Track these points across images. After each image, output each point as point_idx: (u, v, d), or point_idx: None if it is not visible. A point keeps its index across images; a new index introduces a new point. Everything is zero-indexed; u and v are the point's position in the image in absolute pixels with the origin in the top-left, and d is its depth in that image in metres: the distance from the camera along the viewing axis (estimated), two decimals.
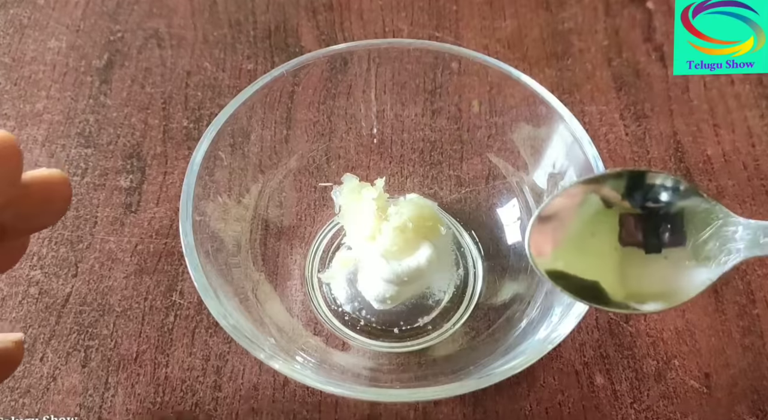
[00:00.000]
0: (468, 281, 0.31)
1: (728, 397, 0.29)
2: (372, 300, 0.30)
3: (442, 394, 0.21)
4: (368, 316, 0.30)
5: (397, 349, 0.29)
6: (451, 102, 0.32)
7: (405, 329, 0.30)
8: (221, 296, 0.23)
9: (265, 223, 0.31)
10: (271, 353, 0.22)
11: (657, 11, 0.41)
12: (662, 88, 0.38)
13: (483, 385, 0.21)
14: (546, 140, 0.28)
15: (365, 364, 0.29)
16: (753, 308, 0.31)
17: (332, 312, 0.30)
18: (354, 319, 0.30)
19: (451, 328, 0.30)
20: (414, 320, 0.30)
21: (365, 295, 0.30)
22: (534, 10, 0.41)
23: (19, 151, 0.19)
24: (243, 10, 0.41)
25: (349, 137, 0.33)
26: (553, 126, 0.28)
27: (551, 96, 0.28)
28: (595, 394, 0.29)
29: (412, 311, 0.30)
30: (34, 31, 0.40)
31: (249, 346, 0.22)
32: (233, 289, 0.25)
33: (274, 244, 0.31)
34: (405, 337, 0.30)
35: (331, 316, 0.30)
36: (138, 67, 0.38)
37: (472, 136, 0.32)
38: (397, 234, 0.28)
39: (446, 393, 0.21)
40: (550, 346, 0.22)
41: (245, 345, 0.22)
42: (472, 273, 0.31)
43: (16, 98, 0.37)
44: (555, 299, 0.25)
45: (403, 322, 0.30)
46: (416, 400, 0.21)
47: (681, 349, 0.30)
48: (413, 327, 0.30)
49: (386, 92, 0.32)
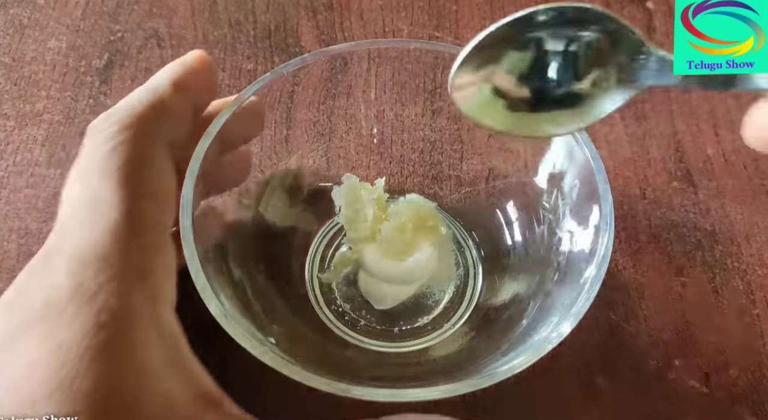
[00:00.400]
0: (468, 281, 0.31)
1: (728, 397, 0.29)
2: (372, 300, 0.30)
3: (442, 394, 0.21)
4: (368, 315, 0.30)
5: (397, 348, 0.29)
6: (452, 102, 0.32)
7: (405, 329, 0.30)
8: (221, 296, 0.23)
9: (266, 224, 0.31)
10: (272, 353, 0.22)
11: (657, 11, 0.41)
12: (662, 89, 0.38)
13: (483, 385, 0.21)
14: (546, 140, 0.28)
15: (364, 364, 0.29)
16: (753, 308, 0.31)
17: (332, 312, 0.30)
18: (354, 319, 0.30)
19: (451, 328, 0.30)
20: (414, 320, 0.30)
21: (365, 295, 0.30)
22: None
23: (212, 62, 0.23)
24: (243, 10, 0.41)
25: (349, 137, 0.33)
26: None
27: None
28: (595, 394, 0.29)
29: (412, 311, 0.30)
30: (34, 31, 0.40)
31: (250, 346, 0.22)
32: (233, 290, 0.25)
33: (273, 244, 0.31)
34: (405, 336, 0.30)
35: (331, 316, 0.30)
36: (138, 67, 0.38)
37: (472, 136, 0.32)
38: (397, 234, 0.28)
39: (446, 393, 0.21)
40: (549, 345, 0.22)
41: (246, 345, 0.22)
42: (472, 273, 0.31)
43: (16, 98, 0.37)
44: (556, 299, 0.25)
45: (402, 322, 0.30)
46: (415, 400, 0.21)
47: (681, 349, 0.30)
48: (413, 327, 0.30)
49: (386, 92, 0.32)
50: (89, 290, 0.17)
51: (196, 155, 0.24)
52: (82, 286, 0.17)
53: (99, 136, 0.19)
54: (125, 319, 0.17)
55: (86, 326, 0.16)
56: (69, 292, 0.17)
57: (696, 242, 0.33)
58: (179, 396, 0.17)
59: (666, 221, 0.34)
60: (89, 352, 0.16)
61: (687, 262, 0.33)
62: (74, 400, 0.16)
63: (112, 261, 0.17)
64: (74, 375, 0.16)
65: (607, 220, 0.24)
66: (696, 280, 0.32)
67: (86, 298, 0.17)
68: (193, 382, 0.18)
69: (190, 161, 0.25)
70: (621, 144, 0.36)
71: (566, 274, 0.26)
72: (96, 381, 0.16)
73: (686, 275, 0.32)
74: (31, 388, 0.16)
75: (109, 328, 0.16)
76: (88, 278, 0.17)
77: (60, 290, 0.17)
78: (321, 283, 0.31)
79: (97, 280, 0.17)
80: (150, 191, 0.19)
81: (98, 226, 0.18)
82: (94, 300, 0.17)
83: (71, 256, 0.17)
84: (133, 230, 0.18)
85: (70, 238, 0.18)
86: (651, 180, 0.35)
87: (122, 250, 0.18)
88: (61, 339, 0.16)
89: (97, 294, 0.17)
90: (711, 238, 0.33)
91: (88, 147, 0.19)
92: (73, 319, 0.16)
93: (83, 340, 0.16)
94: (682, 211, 0.34)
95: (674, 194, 0.34)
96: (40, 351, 0.16)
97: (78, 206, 0.18)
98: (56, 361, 0.16)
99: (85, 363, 0.16)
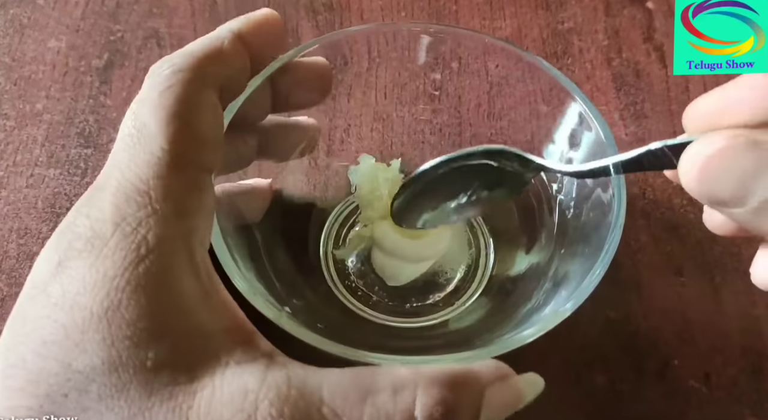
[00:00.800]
0: (479, 259, 0.32)
1: (728, 397, 0.29)
2: (385, 277, 0.31)
3: (456, 361, 0.21)
4: (381, 291, 0.31)
5: (409, 323, 0.30)
6: (452, 102, 0.32)
7: (417, 306, 0.30)
8: (240, 265, 0.23)
9: (283, 200, 0.31)
10: (288, 318, 0.22)
11: (657, 11, 0.41)
12: (662, 88, 0.38)
13: (494, 354, 0.21)
14: (553, 124, 0.28)
15: (379, 335, 0.30)
16: (753, 309, 0.31)
17: (345, 287, 0.31)
18: (366, 295, 0.31)
19: (463, 305, 0.30)
20: (426, 297, 0.31)
21: (379, 272, 0.31)
22: (534, 10, 0.41)
23: (280, 21, 0.24)
24: (243, 10, 0.41)
25: (350, 138, 0.33)
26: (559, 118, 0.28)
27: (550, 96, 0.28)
28: (595, 394, 0.29)
29: (424, 289, 0.31)
30: (34, 31, 0.40)
31: (265, 308, 0.21)
32: (253, 263, 0.25)
33: (291, 221, 0.31)
34: (417, 312, 0.30)
35: (344, 291, 0.31)
36: (138, 67, 0.38)
37: (475, 131, 0.32)
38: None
39: (460, 360, 0.21)
40: (565, 314, 0.21)
41: (262, 307, 0.21)
42: (484, 252, 0.32)
43: (16, 98, 0.37)
44: (569, 271, 0.25)
45: (414, 299, 0.31)
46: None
47: (681, 349, 0.30)
48: (425, 304, 0.31)
49: (386, 92, 0.32)
50: (130, 225, 0.18)
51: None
52: (124, 221, 0.18)
53: (156, 77, 0.20)
54: (163, 253, 0.18)
55: (128, 258, 0.17)
56: (113, 224, 0.18)
57: (696, 242, 0.33)
58: (213, 329, 0.18)
59: (666, 221, 0.34)
60: (131, 284, 0.17)
61: (687, 262, 0.33)
62: (119, 327, 0.17)
63: (154, 196, 0.18)
64: (117, 304, 0.17)
65: (620, 188, 0.24)
66: (696, 280, 0.32)
67: (128, 231, 0.17)
68: (226, 316, 0.19)
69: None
70: (621, 144, 0.36)
71: (578, 246, 0.26)
72: (138, 311, 0.17)
73: (686, 275, 0.32)
74: (80, 315, 0.17)
75: (147, 261, 0.17)
76: (129, 213, 0.18)
77: (105, 223, 0.18)
78: (335, 259, 0.32)
79: (137, 215, 0.18)
80: (196, 132, 0.20)
81: (142, 161, 0.19)
82: (135, 233, 0.17)
83: (117, 188, 0.18)
84: (176, 168, 0.19)
85: (117, 172, 0.19)
86: (651, 180, 0.35)
87: (163, 186, 0.18)
88: (105, 269, 0.17)
89: (137, 228, 0.18)
90: (711, 238, 0.33)
91: (146, 86, 0.20)
92: (116, 251, 0.17)
93: (125, 272, 0.17)
94: (681, 211, 0.34)
95: (674, 194, 0.34)
96: (87, 280, 0.17)
97: (128, 140, 0.19)
98: (101, 290, 0.17)
99: (128, 293, 0.17)
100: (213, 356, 0.18)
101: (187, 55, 0.21)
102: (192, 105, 0.20)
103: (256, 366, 0.17)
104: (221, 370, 0.17)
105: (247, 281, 0.22)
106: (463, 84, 0.31)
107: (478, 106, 0.32)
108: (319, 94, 0.28)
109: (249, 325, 0.19)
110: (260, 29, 0.23)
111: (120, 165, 0.19)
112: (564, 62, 0.39)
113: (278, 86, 0.26)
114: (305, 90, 0.27)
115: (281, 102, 0.26)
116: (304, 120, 0.30)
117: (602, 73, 0.39)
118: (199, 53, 0.21)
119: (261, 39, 0.23)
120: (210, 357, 0.17)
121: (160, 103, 0.19)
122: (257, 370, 0.17)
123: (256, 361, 0.18)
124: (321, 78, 0.27)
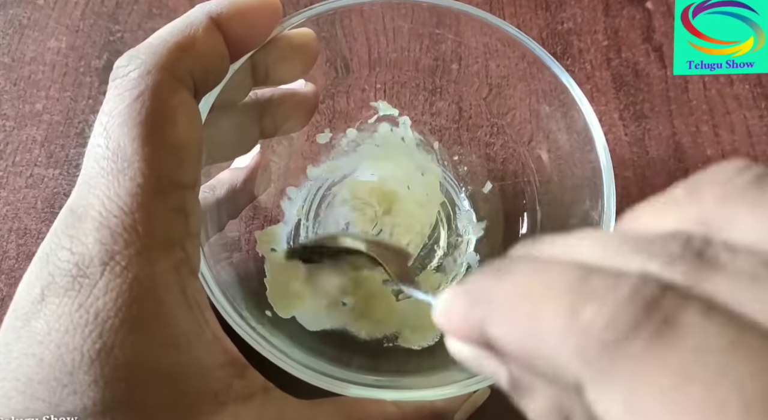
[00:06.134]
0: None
1: None
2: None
3: (431, 397, 0.22)
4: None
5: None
6: (451, 102, 0.32)
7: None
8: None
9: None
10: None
11: (657, 11, 0.41)
12: (662, 89, 0.38)
13: (472, 388, 0.21)
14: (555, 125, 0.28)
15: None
16: None
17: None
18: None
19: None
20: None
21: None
22: (533, 10, 0.41)
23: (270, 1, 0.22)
24: None
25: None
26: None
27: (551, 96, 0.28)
28: None
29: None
30: (34, 31, 0.40)
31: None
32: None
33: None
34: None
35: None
36: None
37: (472, 135, 0.32)
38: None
39: (434, 397, 0.22)
40: None
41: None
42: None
43: (16, 98, 0.37)
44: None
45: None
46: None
47: None
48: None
49: (386, 92, 0.32)
50: (119, 264, 0.17)
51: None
52: (113, 260, 0.17)
53: (123, 79, 0.18)
54: (155, 290, 0.17)
55: (120, 299, 0.17)
56: (101, 264, 0.17)
57: None
58: (209, 364, 0.18)
59: None
60: (125, 325, 0.16)
61: None
62: (114, 369, 0.16)
63: (141, 230, 0.17)
64: (111, 346, 0.16)
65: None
66: None
67: (117, 271, 0.17)
68: (219, 350, 0.18)
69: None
70: (620, 144, 0.36)
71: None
72: (133, 352, 0.16)
73: None
74: (69, 356, 0.16)
75: (140, 301, 0.17)
76: (117, 251, 0.17)
77: (92, 261, 0.17)
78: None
79: (126, 254, 0.17)
80: (174, 146, 0.18)
81: (124, 190, 0.17)
82: (125, 274, 0.17)
83: (100, 223, 0.17)
84: (159, 194, 0.18)
85: (96, 201, 0.17)
86: (651, 180, 0.35)
87: (149, 218, 0.17)
88: (95, 311, 0.16)
89: (127, 268, 0.17)
90: None
91: (112, 90, 0.18)
92: (106, 292, 0.17)
93: (119, 313, 0.16)
94: None
95: None
96: (75, 320, 0.16)
97: (103, 163, 0.18)
98: (93, 332, 0.16)
99: (122, 335, 0.16)
100: (210, 394, 0.17)
101: (156, 49, 0.19)
102: (166, 114, 0.18)
103: (252, 403, 0.18)
104: (221, 409, 0.17)
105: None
106: (462, 83, 0.31)
107: (478, 105, 0.32)
108: (302, 67, 0.25)
109: (241, 358, 0.19)
110: (242, 13, 0.21)
111: (98, 193, 0.17)
112: (563, 63, 0.39)
113: (256, 61, 0.24)
114: (286, 62, 0.24)
115: (261, 78, 0.24)
116: (300, 86, 0.28)
117: (602, 73, 0.39)
118: (170, 45, 0.19)
119: (243, 23, 0.21)
120: (208, 395, 0.17)
121: (131, 117, 0.18)
122: (254, 408, 0.18)
123: (253, 397, 0.18)
124: (302, 47, 0.24)
